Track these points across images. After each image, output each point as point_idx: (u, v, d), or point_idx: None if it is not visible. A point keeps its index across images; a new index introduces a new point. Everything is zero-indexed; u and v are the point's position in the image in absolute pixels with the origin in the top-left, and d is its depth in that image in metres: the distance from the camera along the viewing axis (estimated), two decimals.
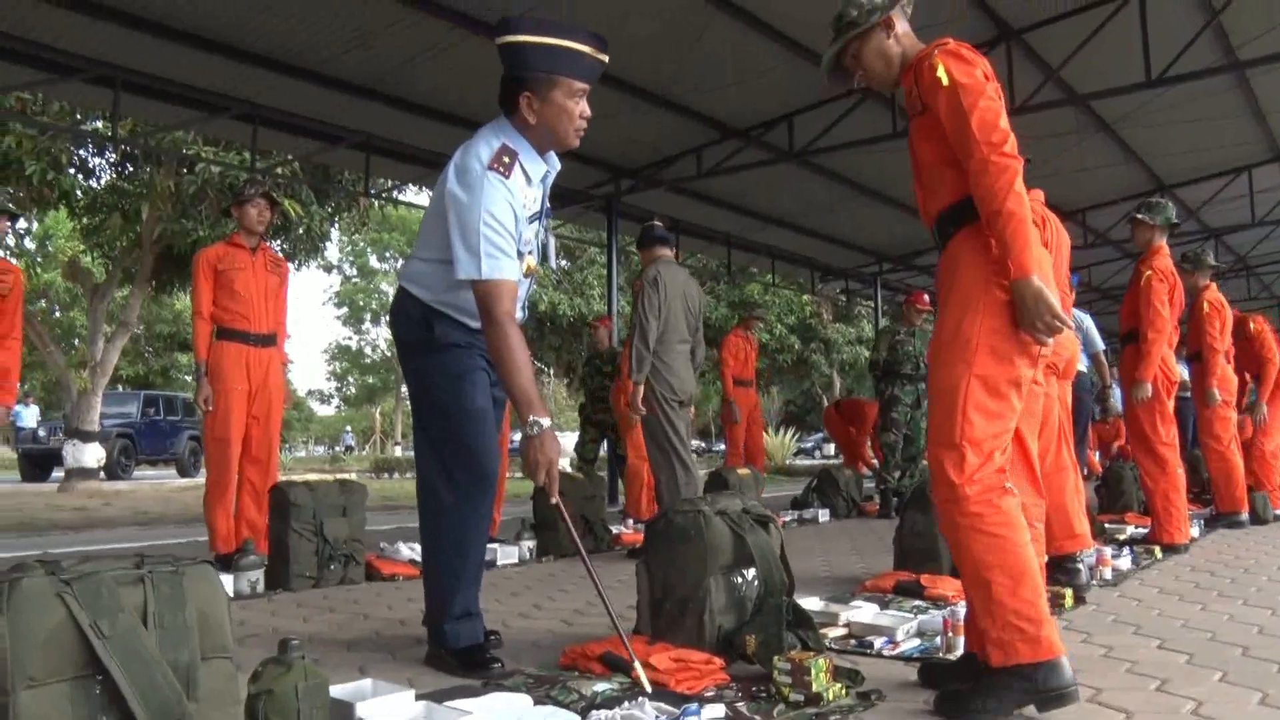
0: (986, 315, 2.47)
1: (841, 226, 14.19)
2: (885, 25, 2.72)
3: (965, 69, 2.49)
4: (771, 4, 7.85)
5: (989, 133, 2.40)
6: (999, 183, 2.38)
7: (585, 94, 2.93)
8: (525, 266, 2.99)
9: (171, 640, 1.77)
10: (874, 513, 9.00)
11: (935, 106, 2.52)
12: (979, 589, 2.45)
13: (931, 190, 2.64)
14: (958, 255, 2.56)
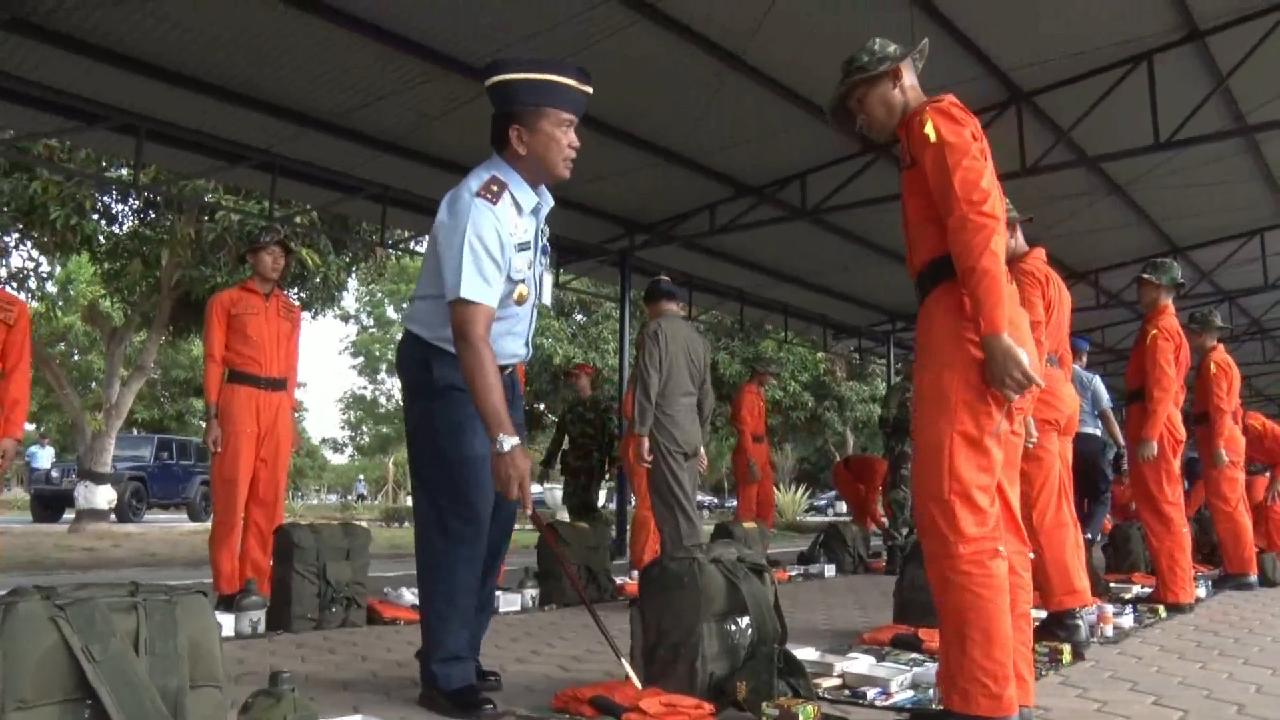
0: (962, 372, 2.53)
1: (854, 284, 14.26)
2: (892, 75, 2.80)
3: (953, 127, 2.56)
4: (786, 65, 7.98)
5: (969, 191, 2.47)
6: (975, 240, 2.45)
7: (572, 125, 3.03)
8: (517, 294, 3.03)
9: (162, 667, 1.82)
10: (881, 569, 8.98)
11: (922, 162, 2.59)
12: (955, 640, 2.52)
13: (915, 245, 2.71)
14: (933, 312, 2.63)
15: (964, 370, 2.53)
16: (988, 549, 2.50)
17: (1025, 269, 4.45)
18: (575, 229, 11.25)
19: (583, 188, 9.96)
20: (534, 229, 3.09)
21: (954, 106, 2.63)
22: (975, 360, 2.52)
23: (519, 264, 2.99)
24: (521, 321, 3.10)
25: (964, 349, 2.53)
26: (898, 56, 2.81)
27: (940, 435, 2.54)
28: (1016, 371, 2.44)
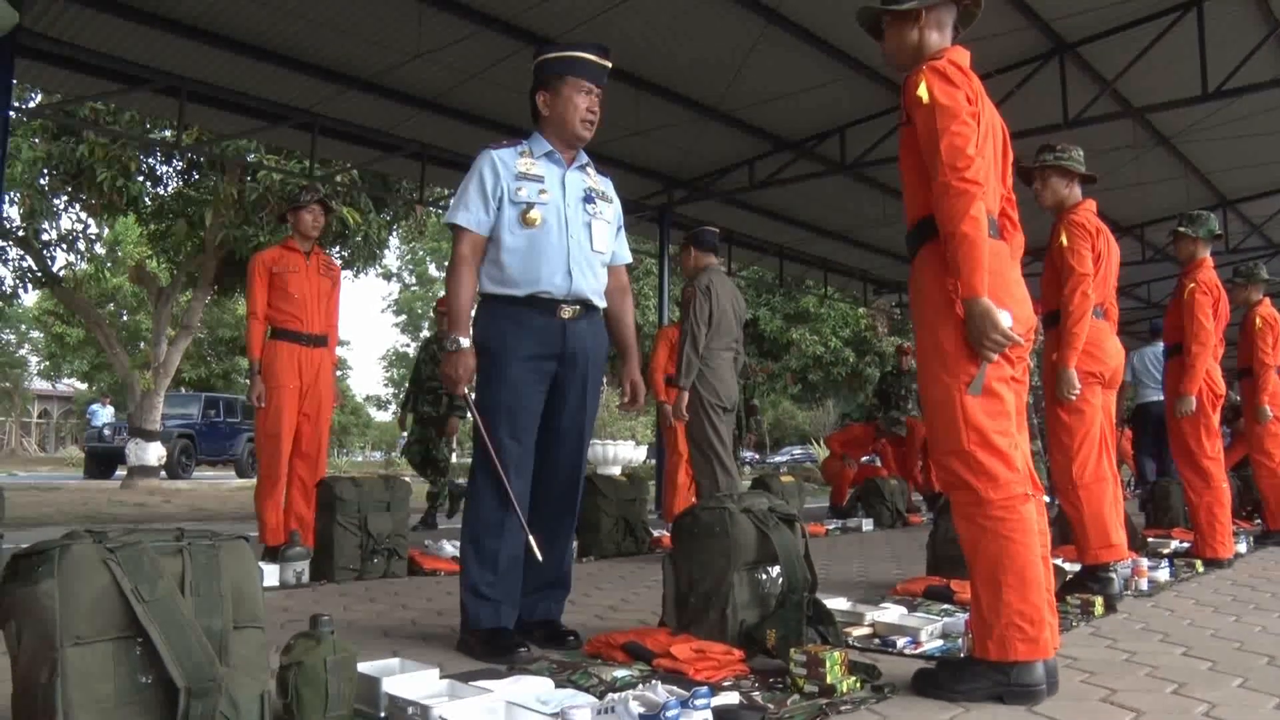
0: (959, 324, 2.56)
1: (895, 239, 14.11)
2: (915, 18, 2.79)
3: (947, 88, 2.56)
4: (824, 19, 7.91)
5: (954, 157, 2.49)
6: (956, 205, 2.49)
7: (591, 93, 3.29)
8: (526, 217, 3.21)
9: (206, 608, 1.89)
10: (919, 523, 9.02)
11: (915, 121, 2.60)
12: (990, 588, 2.54)
13: (909, 202, 2.74)
14: (922, 270, 2.67)
15: (957, 322, 2.57)
16: (1018, 494, 2.54)
17: (1076, 220, 4.43)
18: (614, 185, 11.22)
19: (621, 144, 9.95)
20: (553, 171, 3.30)
21: (951, 65, 2.62)
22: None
23: (524, 192, 3.21)
24: (548, 248, 3.22)
25: (955, 302, 2.57)
26: (926, 2, 2.80)
27: (948, 389, 2.58)
28: (994, 333, 2.49)
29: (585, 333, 3.30)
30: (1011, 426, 2.60)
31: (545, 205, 3.22)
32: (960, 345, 2.56)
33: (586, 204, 3.32)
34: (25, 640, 1.78)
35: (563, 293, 3.23)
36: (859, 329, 26.92)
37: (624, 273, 3.57)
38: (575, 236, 3.24)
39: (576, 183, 3.34)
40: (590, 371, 3.33)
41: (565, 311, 3.24)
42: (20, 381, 43.70)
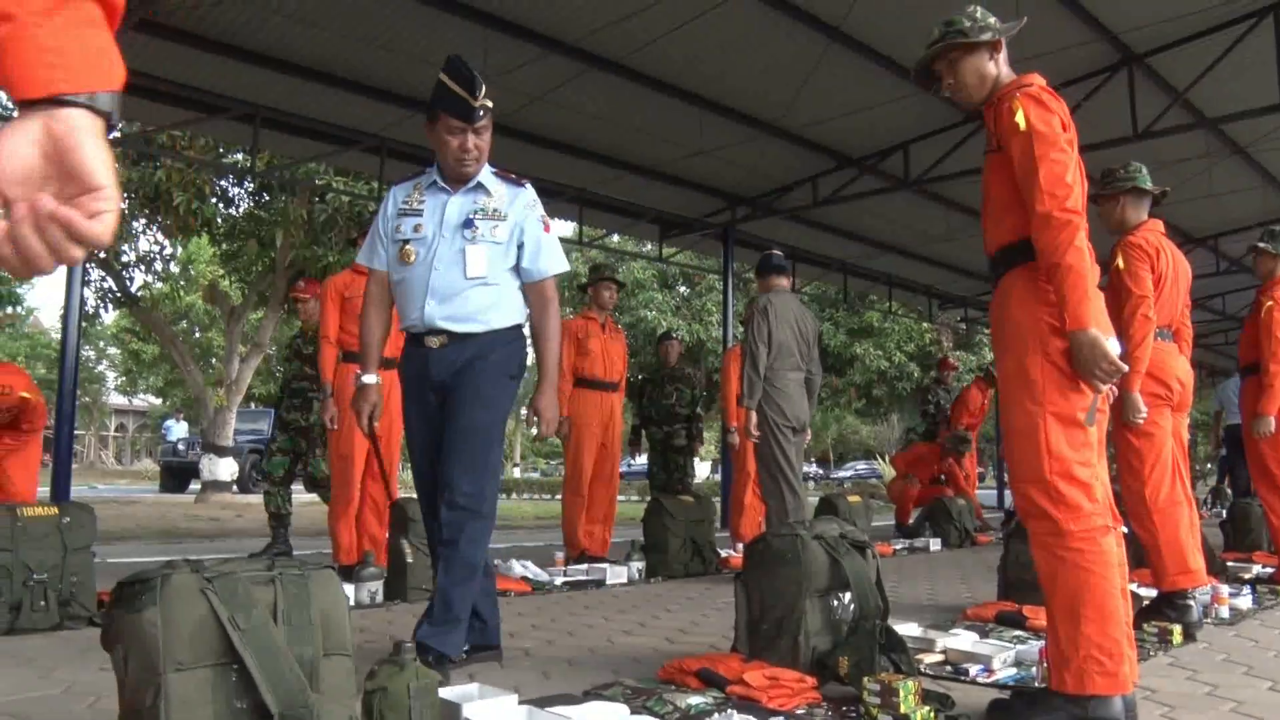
0: (1046, 353, 2.56)
1: (959, 253, 14.01)
2: (992, 47, 2.80)
3: (1044, 115, 2.56)
4: (886, 35, 7.90)
5: (1054, 185, 2.49)
6: (1060, 237, 2.48)
7: (464, 132, 3.19)
8: (401, 253, 3.28)
9: (298, 636, 1.96)
10: (987, 543, 8.94)
11: (1009, 148, 2.60)
12: (1069, 621, 2.52)
13: (995, 225, 2.73)
14: (1009, 294, 2.66)
15: (1048, 351, 2.56)
16: (1099, 525, 2.53)
17: (1133, 242, 4.36)
18: (677, 203, 11.32)
19: (684, 163, 10.02)
20: (436, 201, 3.29)
21: (1045, 92, 2.63)
22: (1058, 341, 2.55)
23: (401, 228, 3.29)
24: (414, 282, 3.26)
25: (1044, 331, 2.57)
26: (999, 29, 2.81)
27: (1032, 418, 2.56)
28: (1104, 363, 2.48)
29: (455, 357, 3.22)
30: (1094, 457, 2.59)
31: (419, 239, 3.27)
32: (1048, 374, 2.55)
33: (465, 229, 3.23)
34: (131, 665, 1.86)
35: (422, 325, 3.25)
36: (924, 343, 26.66)
37: (545, 287, 3.36)
38: (439, 267, 3.21)
39: (458, 208, 3.26)
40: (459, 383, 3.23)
41: (431, 342, 3.25)
42: (98, 396, 44.93)
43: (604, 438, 6.80)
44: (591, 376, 6.77)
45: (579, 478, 6.64)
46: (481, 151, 3.25)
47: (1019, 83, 2.70)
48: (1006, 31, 2.80)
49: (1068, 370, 2.54)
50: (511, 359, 3.31)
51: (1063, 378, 2.55)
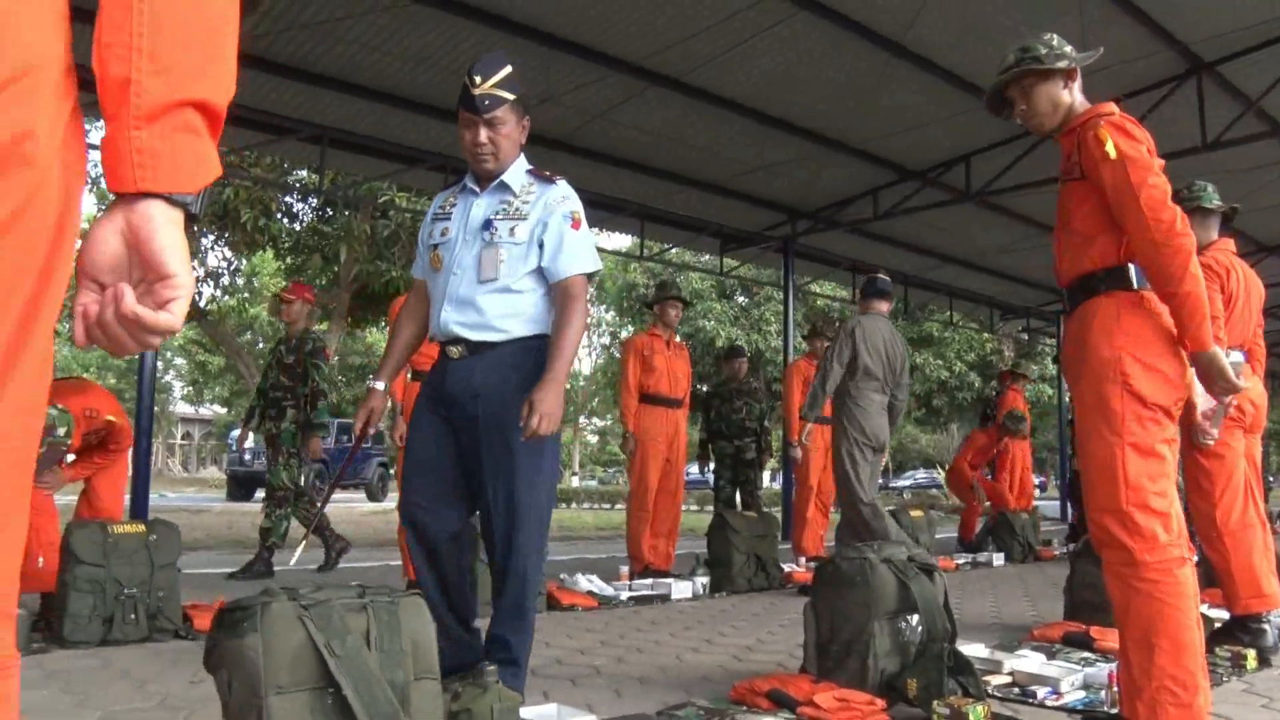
0: (1125, 384, 2.58)
1: (1021, 265, 13.89)
2: (1067, 75, 2.83)
3: (1132, 144, 2.58)
4: (948, 50, 7.89)
5: (1160, 211, 2.50)
6: (1175, 265, 2.51)
7: (475, 124, 3.01)
8: (431, 259, 3.16)
9: (390, 662, 2.05)
10: (1050, 557, 8.88)
11: (1097, 177, 2.61)
12: (1141, 649, 2.53)
13: (1074, 254, 2.74)
14: (1088, 323, 2.67)
15: (1127, 382, 2.58)
16: (1175, 556, 2.53)
17: (1202, 263, 4.32)
18: (738, 217, 11.37)
19: (745, 178, 10.07)
20: (464, 204, 3.13)
21: (1128, 120, 2.65)
22: (1139, 371, 2.58)
23: (434, 232, 3.17)
24: (438, 292, 3.11)
25: (1124, 362, 2.58)
26: (1075, 57, 2.83)
27: (1110, 448, 2.57)
28: (1225, 378, 2.55)
29: (470, 372, 2.99)
30: (1170, 488, 2.60)
31: (445, 243, 3.12)
32: (1127, 405, 2.57)
33: (484, 231, 3.03)
34: (235, 688, 1.97)
35: (441, 334, 3.07)
36: (984, 353, 26.41)
37: (569, 285, 3.00)
38: (458, 272, 3.04)
39: (483, 209, 3.07)
40: (480, 414, 2.95)
41: (452, 352, 3.04)
42: (165, 405, 46.01)
43: (669, 453, 6.87)
44: (657, 393, 6.85)
45: (644, 493, 6.71)
46: (498, 146, 3.01)
47: (1098, 111, 2.72)
48: (1082, 61, 2.82)
49: (1147, 401, 2.56)
50: (537, 376, 2.89)
51: (1142, 408, 2.56)
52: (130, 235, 0.95)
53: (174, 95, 0.95)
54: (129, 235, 0.95)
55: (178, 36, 0.96)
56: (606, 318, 37.78)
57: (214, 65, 0.99)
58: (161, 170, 0.95)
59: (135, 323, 0.96)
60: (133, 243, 0.95)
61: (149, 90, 0.94)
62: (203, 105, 0.98)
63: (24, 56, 0.86)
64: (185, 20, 0.96)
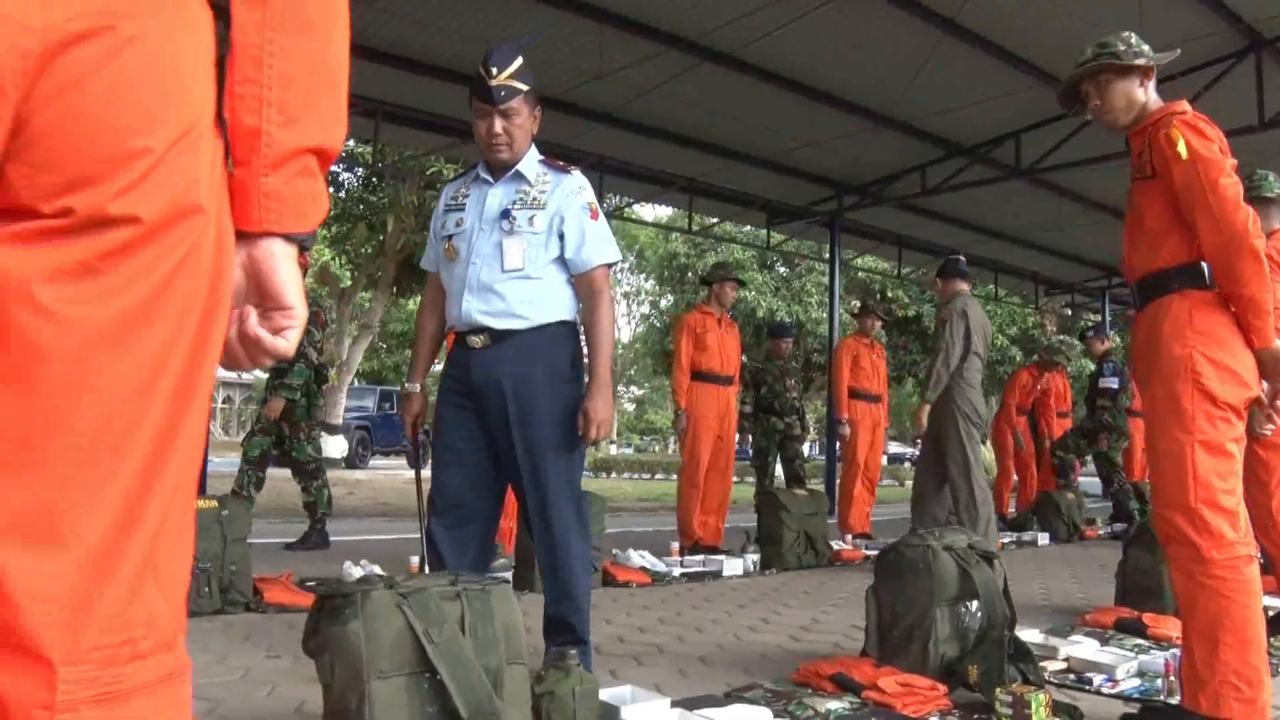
0: (1198, 383, 2.61)
1: (1067, 240, 13.82)
2: (1144, 72, 2.85)
3: (1205, 143, 2.60)
4: (1001, 27, 7.85)
5: (1232, 211, 2.53)
6: (1244, 266, 2.56)
7: (489, 115, 3.03)
8: (445, 250, 3.17)
9: (484, 648, 2.14)
10: (1094, 536, 8.93)
11: (1168, 176, 2.64)
12: (1206, 644, 2.57)
13: (1146, 251, 2.76)
14: (1160, 322, 2.70)
15: (1199, 381, 2.61)
16: (1242, 554, 2.57)
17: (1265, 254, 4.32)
18: (785, 191, 11.38)
19: (794, 152, 10.07)
20: (478, 194, 3.15)
21: (1200, 119, 2.67)
22: (1210, 370, 2.61)
23: (448, 223, 3.18)
24: (454, 280, 3.13)
25: (1196, 361, 2.61)
26: (1152, 57, 2.85)
27: (1180, 445, 2.61)
28: None
29: (496, 361, 3.04)
30: (1239, 486, 2.64)
31: (460, 233, 3.13)
32: (1198, 403, 2.60)
33: (502, 220, 3.07)
34: (338, 671, 2.07)
35: (463, 323, 3.09)
36: (1026, 326, 26.23)
37: (593, 278, 3.11)
38: (476, 261, 3.07)
39: (499, 199, 3.10)
40: (509, 401, 3.02)
41: (474, 341, 3.06)
42: None
43: (720, 430, 6.94)
44: (709, 371, 6.91)
45: (696, 469, 6.79)
46: (513, 136, 3.03)
47: (1170, 110, 2.74)
48: (1160, 60, 2.84)
49: (1219, 399, 2.60)
50: (560, 360, 3.08)
51: (1213, 407, 2.60)
52: (251, 268, 1.03)
53: (299, 144, 1.02)
54: (249, 268, 1.03)
55: (304, 89, 1.03)
56: (646, 286, 37.84)
57: (333, 114, 1.06)
58: (285, 213, 1.03)
59: (256, 343, 1.05)
60: (253, 275, 1.03)
61: (277, 140, 1.01)
62: (321, 151, 1.05)
63: (193, 109, 0.94)
64: (311, 73, 1.04)
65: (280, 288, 1.04)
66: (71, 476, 0.85)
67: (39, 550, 0.84)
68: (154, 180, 0.87)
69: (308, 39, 1.03)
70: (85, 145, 0.83)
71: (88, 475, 0.86)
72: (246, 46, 1.01)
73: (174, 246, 0.89)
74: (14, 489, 0.84)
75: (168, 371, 0.91)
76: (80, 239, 0.84)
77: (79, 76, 0.82)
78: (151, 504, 0.90)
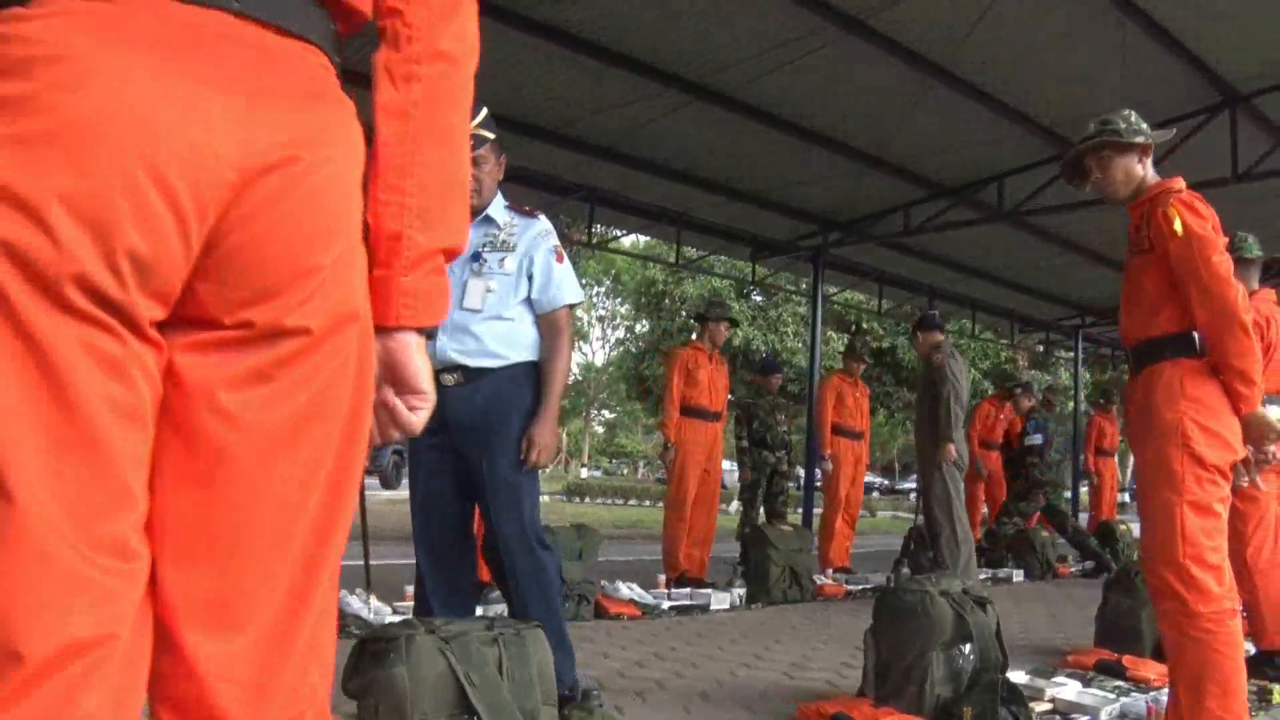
0: (1186, 446, 2.79)
1: (1044, 280, 14.07)
2: (1142, 150, 3.02)
3: (1200, 221, 2.78)
4: (990, 74, 8.05)
5: (1226, 288, 2.72)
6: (1239, 343, 2.74)
7: None
8: None
9: (521, 691, 2.26)
10: (1067, 574, 9.20)
11: (1165, 250, 2.81)
12: (1191, 693, 2.74)
13: (1142, 320, 2.95)
14: (1153, 387, 2.88)
15: (1188, 445, 2.78)
16: (1227, 609, 2.75)
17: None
18: (770, 226, 11.54)
19: (782, 189, 10.26)
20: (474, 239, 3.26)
21: (1195, 198, 2.84)
22: (1199, 434, 2.78)
23: None
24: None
25: (1186, 426, 2.78)
26: (1150, 135, 3.03)
27: (1170, 505, 2.78)
28: (1271, 434, 2.79)
29: (470, 397, 3.15)
30: (1224, 544, 2.81)
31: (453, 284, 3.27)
32: (1187, 466, 2.77)
33: (473, 262, 3.22)
34: (381, 713, 2.17)
35: (437, 361, 3.12)
36: (999, 361, 26.55)
37: (556, 318, 3.29)
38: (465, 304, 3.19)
39: (473, 240, 3.20)
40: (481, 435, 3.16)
41: (447, 379, 3.15)
42: None
43: (707, 464, 7.07)
44: (698, 406, 7.05)
45: (683, 503, 6.91)
46: (481, 183, 3.19)
47: (1167, 186, 2.92)
48: (1157, 139, 3.02)
49: (1207, 462, 2.77)
50: (529, 398, 3.22)
51: (1201, 469, 2.77)
52: (387, 359, 1.13)
53: (434, 246, 1.14)
54: (385, 359, 1.13)
55: (440, 195, 1.15)
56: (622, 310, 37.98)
57: (462, 216, 1.18)
58: (420, 309, 1.14)
59: (393, 415, 1.16)
60: (389, 365, 1.14)
61: (417, 244, 1.13)
62: (450, 251, 1.17)
63: (355, 225, 1.05)
64: (447, 181, 1.15)
65: (415, 376, 1.14)
66: (249, 567, 0.96)
67: (223, 635, 0.94)
68: (322, 293, 0.98)
69: (445, 150, 1.14)
70: (268, 264, 0.94)
71: (262, 566, 0.97)
72: (390, 158, 1.11)
73: (335, 351, 1.00)
74: (200, 580, 0.94)
75: (325, 465, 1.02)
76: (258, 349, 0.95)
77: (267, 203, 0.93)
78: (314, 589, 1.01)
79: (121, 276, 0.86)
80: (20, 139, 0.82)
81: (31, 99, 0.83)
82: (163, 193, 0.86)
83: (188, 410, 0.93)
